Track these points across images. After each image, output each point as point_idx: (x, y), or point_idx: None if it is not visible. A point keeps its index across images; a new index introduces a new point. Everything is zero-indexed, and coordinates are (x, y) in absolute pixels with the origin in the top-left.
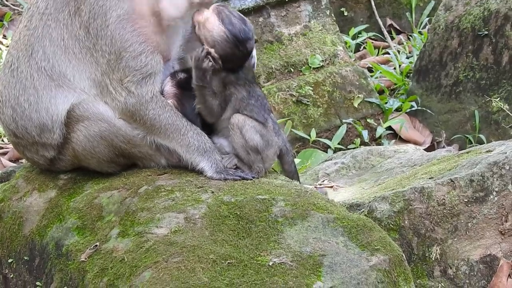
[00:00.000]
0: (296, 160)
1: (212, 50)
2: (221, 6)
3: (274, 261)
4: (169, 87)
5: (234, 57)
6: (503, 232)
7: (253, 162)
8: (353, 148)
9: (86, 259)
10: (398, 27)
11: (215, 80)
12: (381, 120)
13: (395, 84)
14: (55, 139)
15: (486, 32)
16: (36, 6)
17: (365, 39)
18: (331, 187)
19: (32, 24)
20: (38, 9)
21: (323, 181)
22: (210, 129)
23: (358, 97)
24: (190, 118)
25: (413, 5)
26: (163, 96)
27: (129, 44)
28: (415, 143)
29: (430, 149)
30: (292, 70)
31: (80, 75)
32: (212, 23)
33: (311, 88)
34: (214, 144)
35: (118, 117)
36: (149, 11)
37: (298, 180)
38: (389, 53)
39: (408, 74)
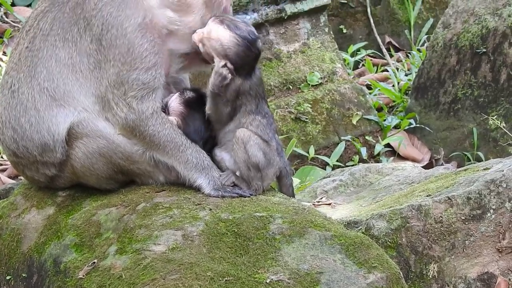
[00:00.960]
0: (295, 179)
1: (225, 59)
2: (219, 15)
3: (272, 279)
4: (176, 105)
5: (248, 59)
6: (500, 250)
7: (252, 179)
8: (352, 165)
9: (84, 276)
10: (396, 45)
11: (229, 88)
12: (379, 137)
13: (394, 101)
14: (57, 157)
15: (484, 50)
16: (38, 28)
17: (363, 57)
18: (329, 204)
19: (35, 46)
20: (42, 31)
21: (321, 198)
22: (213, 142)
23: (357, 114)
24: (192, 138)
25: (412, 23)
26: (169, 113)
27: (147, 53)
28: (414, 160)
29: (428, 166)
30: (291, 87)
31: (85, 92)
32: (218, 32)
33: (309, 105)
34: (215, 157)
35: (118, 133)
36: (164, 25)
37: None
38: (387, 71)
39: (407, 92)
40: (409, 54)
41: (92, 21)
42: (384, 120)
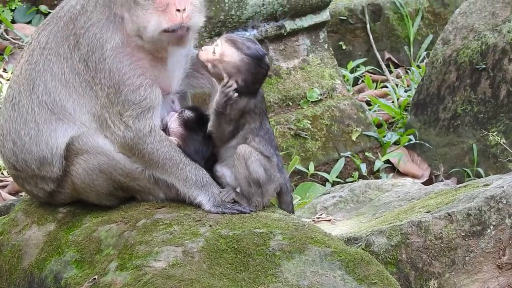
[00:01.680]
0: (295, 196)
1: (236, 79)
2: (229, 35)
3: None
4: (175, 126)
5: (258, 77)
6: (500, 266)
7: (253, 195)
8: (351, 182)
9: None
10: (396, 61)
11: (234, 108)
12: (379, 153)
13: (393, 117)
14: (55, 172)
15: (484, 66)
16: (38, 41)
17: (363, 73)
18: (329, 220)
19: (33, 59)
20: (39, 44)
21: (321, 214)
22: (214, 158)
23: (356, 130)
24: (193, 159)
25: (411, 39)
26: (169, 133)
27: (127, 77)
28: (413, 176)
29: (428, 182)
30: (291, 103)
31: (80, 109)
32: (230, 54)
33: (309, 122)
34: (216, 173)
35: (117, 151)
36: (137, 43)
37: None
38: (387, 87)
39: (406, 108)
40: (408, 70)
41: (80, 40)
42: (384, 136)
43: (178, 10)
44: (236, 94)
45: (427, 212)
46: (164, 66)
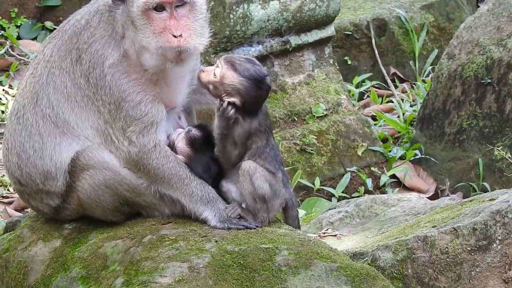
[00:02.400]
0: (300, 211)
1: (236, 100)
2: (228, 57)
3: None
4: (183, 145)
5: (259, 98)
6: (506, 281)
7: (258, 211)
8: (357, 197)
9: None
10: (401, 76)
11: (238, 130)
12: (385, 168)
13: (399, 132)
14: (59, 187)
15: (489, 81)
16: (43, 54)
17: (368, 88)
18: (335, 235)
19: (37, 72)
20: (44, 57)
21: (327, 229)
22: (221, 175)
23: (362, 145)
24: (202, 177)
25: (417, 54)
26: (176, 152)
27: (127, 94)
28: (419, 191)
29: (434, 197)
30: (296, 118)
31: (83, 123)
32: (230, 77)
33: (315, 137)
34: (222, 188)
35: (122, 166)
36: (136, 61)
37: None
38: (392, 102)
39: (412, 122)
40: (414, 85)
41: (82, 55)
42: (390, 151)
43: (175, 36)
44: (233, 111)
45: (433, 226)
46: (166, 82)
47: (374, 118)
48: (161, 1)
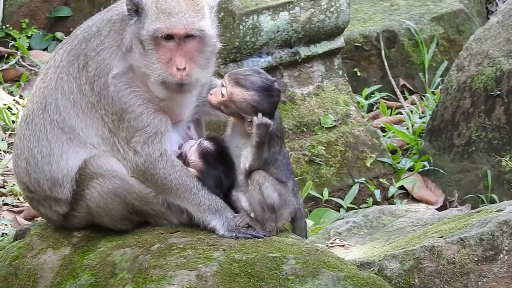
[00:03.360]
0: (309, 221)
1: (255, 112)
2: (232, 74)
3: None
4: (195, 159)
5: (274, 103)
6: None
7: (267, 220)
8: (365, 208)
9: None
10: (411, 87)
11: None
12: (393, 179)
13: (408, 144)
14: (65, 194)
15: (498, 92)
16: (53, 59)
17: (378, 99)
18: (343, 245)
19: (47, 77)
20: (54, 62)
21: (335, 239)
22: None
23: (371, 156)
24: (214, 191)
25: (426, 66)
26: (188, 165)
27: (127, 105)
28: (428, 202)
29: (442, 208)
30: (305, 129)
31: (88, 130)
32: (239, 95)
33: (323, 148)
34: (231, 197)
35: (130, 176)
36: (140, 75)
37: None
38: (402, 113)
39: (421, 134)
40: (423, 97)
41: (89, 62)
42: (398, 163)
43: (178, 69)
44: (270, 120)
45: (440, 237)
46: (173, 97)
47: (383, 129)
48: (171, 32)
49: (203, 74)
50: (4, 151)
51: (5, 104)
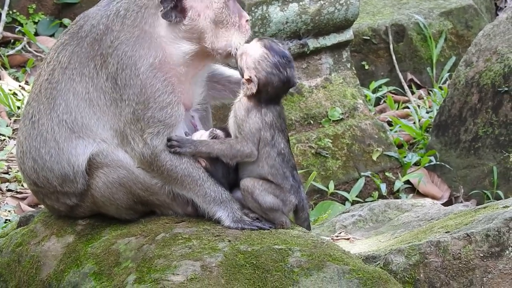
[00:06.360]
0: (311, 214)
1: (253, 73)
2: (264, 37)
3: None
4: None
5: (274, 78)
6: None
7: (274, 219)
8: (371, 201)
9: None
10: (418, 82)
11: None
12: (399, 174)
13: (414, 138)
14: (78, 188)
15: (506, 89)
16: (58, 61)
17: (385, 93)
18: (348, 239)
19: (54, 78)
20: (60, 64)
21: (340, 233)
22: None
23: (377, 150)
24: (219, 180)
25: (434, 61)
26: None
27: (159, 94)
28: (433, 197)
29: (447, 204)
30: (312, 122)
31: (103, 126)
32: (254, 49)
33: (330, 141)
34: (236, 194)
35: (137, 167)
36: (180, 61)
37: None
38: (409, 108)
39: (428, 129)
40: (430, 92)
41: (108, 59)
42: (404, 157)
43: (247, 20)
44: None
45: (446, 232)
46: (189, 82)
47: (390, 123)
48: None
49: None
50: (9, 137)
51: (10, 90)
